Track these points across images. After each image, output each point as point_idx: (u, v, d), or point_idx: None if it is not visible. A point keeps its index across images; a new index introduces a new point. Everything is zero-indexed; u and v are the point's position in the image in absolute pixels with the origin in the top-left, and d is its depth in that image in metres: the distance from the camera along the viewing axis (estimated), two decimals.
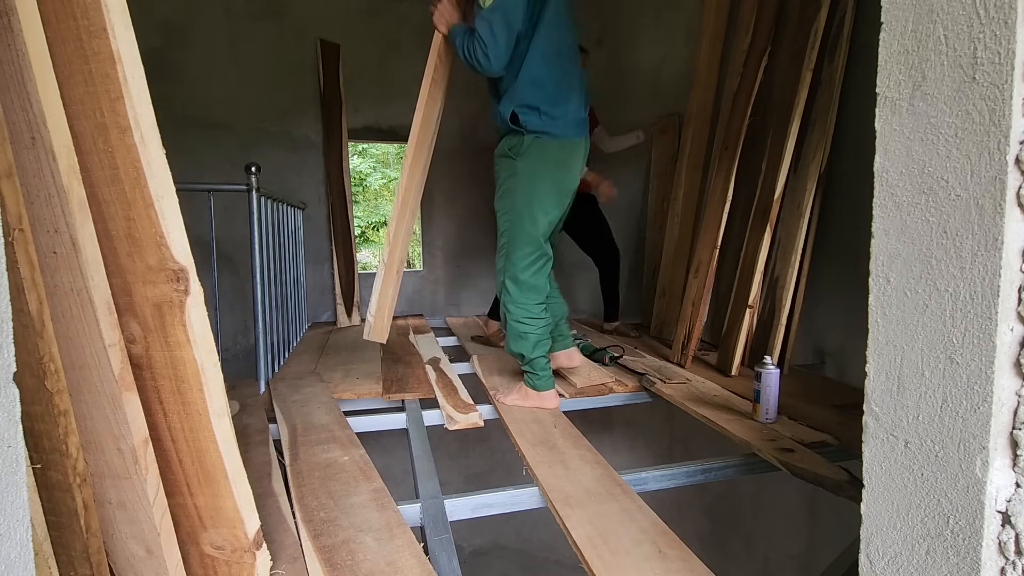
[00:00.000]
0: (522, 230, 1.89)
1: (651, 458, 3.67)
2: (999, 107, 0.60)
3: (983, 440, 0.62)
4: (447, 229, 3.90)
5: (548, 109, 1.82)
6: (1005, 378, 0.62)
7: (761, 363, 1.80)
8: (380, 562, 1.12)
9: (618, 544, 1.20)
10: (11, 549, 0.62)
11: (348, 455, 1.59)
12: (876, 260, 0.73)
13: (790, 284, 2.26)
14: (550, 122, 1.83)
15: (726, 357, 2.41)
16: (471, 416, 1.94)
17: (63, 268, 0.86)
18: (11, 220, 0.76)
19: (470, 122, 3.77)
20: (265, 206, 2.22)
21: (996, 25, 0.59)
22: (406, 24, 3.62)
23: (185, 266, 0.91)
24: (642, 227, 3.64)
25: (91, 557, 0.88)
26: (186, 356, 0.93)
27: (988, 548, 0.63)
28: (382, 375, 2.35)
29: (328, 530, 1.23)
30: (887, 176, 0.71)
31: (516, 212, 1.88)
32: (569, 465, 1.55)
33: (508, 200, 1.90)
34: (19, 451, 0.63)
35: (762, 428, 1.75)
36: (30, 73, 0.79)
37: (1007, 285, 0.61)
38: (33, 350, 0.80)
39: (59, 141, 0.82)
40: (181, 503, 1.00)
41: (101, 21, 0.82)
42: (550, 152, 1.85)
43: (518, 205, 1.87)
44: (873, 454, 0.74)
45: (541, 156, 1.84)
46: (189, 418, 0.96)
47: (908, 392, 0.70)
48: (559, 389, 2.19)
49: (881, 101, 0.71)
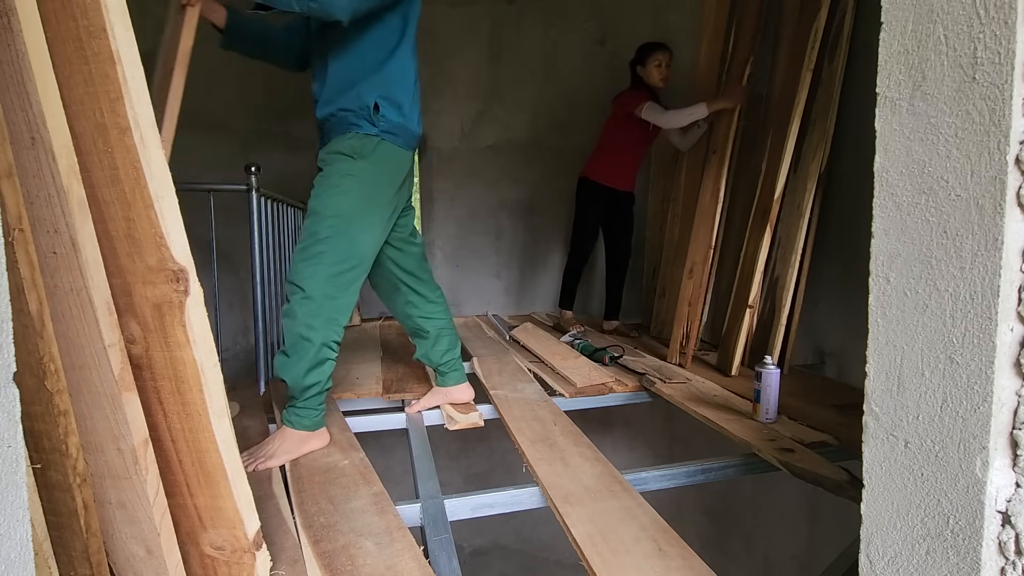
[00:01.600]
0: (347, 241, 1.61)
1: (651, 458, 3.67)
2: (999, 107, 0.60)
3: (983, 440, 0.62)
4: (447, 229, 3.90)
5: (407, 111, 1.67)
6: (1005, 378, 0.62)
7: (761, 363, 1.80)
8: (380, 566, 1.12)
9: (618, 542, 1.20)
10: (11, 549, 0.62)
11: (348, 459, 1.59)
12: (876, 260, 0.73)
13: (790, 284, 2.26)
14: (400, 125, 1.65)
15: (726, 357, 2.41)
16: (471, 416, 1.94)
17: (63, 268, 0.86)
18: (11, 220, 0.76)
19: (470, 122, 3.77)
20: (265, 206, 2.22)
21: (996, 25, 0.59)
22: None
23: (185, 266, 0.91)
24: (642, 227, 3.64)
25: (91, 557, 0.88)
26: (186, 356, 0.93)
27: (988, 548, 0.63)
28: (382, 375, 2.35)
29: (328, 535, 1.23)
30: (887, 176, 0.71)
31: (343, 218, 1.60)
32: (569, 463, 1.55)
33: (336, 202, 1.61)
34: (19, 451, 0.63)
35: (762, 428, 1.75)
36: (30, 73, 0.79)
37: (1007, 285, 0.61)
38: (33, 350, 0.80)
39: (59, 141, 0.82)
40: (181, 503, 1.00)
41: (101, 21, 0.82)
42: (396, 160, 1.68)
43: (348, 211, 1.61)
44: (873, 454, 0.74)
45: (387, 162, 1.65)
46: (189, 418, 0.96)
47: (908, 392, 0.70)
48: (560, 388, 2.20)
49: (881, 101, 0.71)
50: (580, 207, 3.18)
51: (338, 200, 1.61)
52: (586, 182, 3.13)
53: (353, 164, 1.62)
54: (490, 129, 3.84)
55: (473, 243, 3.92)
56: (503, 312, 3.95)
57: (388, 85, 1.63)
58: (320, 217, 1.61)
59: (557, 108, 3.82)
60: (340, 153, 1.62)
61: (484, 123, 3.83)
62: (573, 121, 3.78)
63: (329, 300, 1.61)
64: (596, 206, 3.13)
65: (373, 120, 1.61)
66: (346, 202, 1.61)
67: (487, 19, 3.73)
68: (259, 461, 1.56)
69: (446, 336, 1.98)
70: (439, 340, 1.96)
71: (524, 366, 2.49)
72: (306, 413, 1.63)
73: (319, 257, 1.60)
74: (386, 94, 1.62)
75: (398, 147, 1.67)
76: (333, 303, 1.62)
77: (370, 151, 1.62)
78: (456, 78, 3.74)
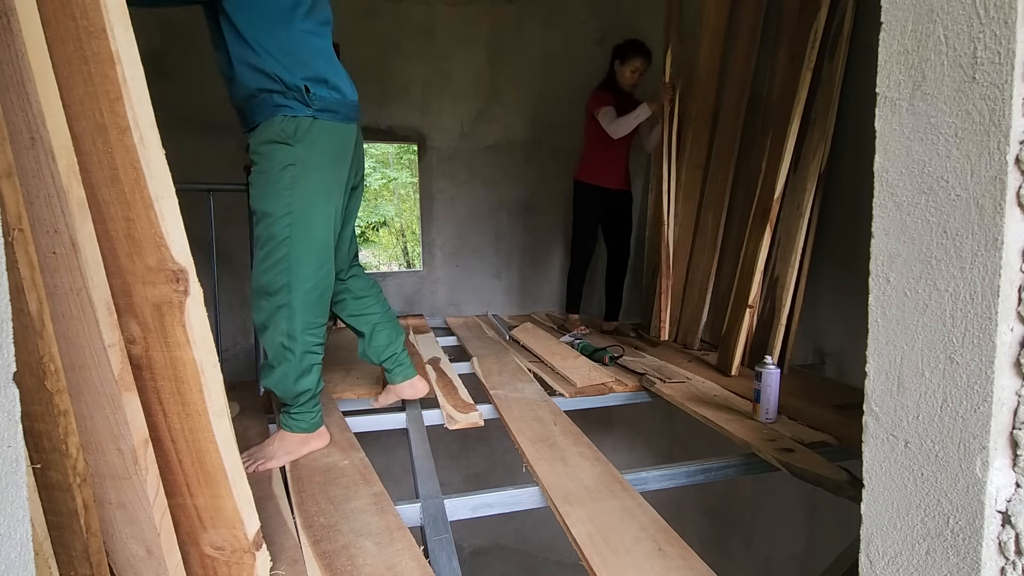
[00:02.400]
0: (309, 236, 1.51)
1: (651, 458, 3.67)
2: (999, 107, 0.60)
3: (983, 440, 0.62)
4: (447, 229, 3.90)
5: (336, 83, 1.54)
6: (1005, 378, 0.62)
7: (761, 363, 1.80)
8: (380, 566, 1.12)
9: (618, 542, 1.20)
10: (11, 549, 0.62)
11: (348, 459, 1.59)
12: (876, 260, 0.73)
13: (790, 284, 2.26)
14: (338, 100, 1.54)
15: (726, 357, 2.41)
16: (471, 416, 1.94)
17: (63, 268, 0.86)
18: (11, 220, 0.76)
19: (470, 122, 3.77)
20: None
21: (996, 25, 0.59)
22: (406, 24, 3.62)
23: (185, 267, 0.91)
24: (642, 227, 3.64)
25: (91, 557, 0.88)
26: (186, 357, 0.93)
27: (988, 548, 0.63)
28: (382, 375, 2.35)
29: (328, 535, 1.23)
30: (887, 176, 0.71)
31: (299, 214, 1.50)
32: (569, 462, 1.55)
33: (285, 199, 1.49)
34: (19, 451, 0.63)
35: (762, 428, 1.75)
36: (30, 73, 0.79)
37: (1007, 285, 0.61)
38: (33, 350, 0.80)
39: (59, 141, 0.82)
40: (181, 503, 1.00)
41: (100, 22, 0.82)
42: (337, 137, 1.55)
43: (301, 205, 1.50)
44: (873, 454, 0.74)
45: (328, 142, 1.53)
46: (189, 418, 0.96)
47: (908, 392, 0.70)
48: (560, 388, 2.20)
49: (881, 101, 0.71)
50: (577, 210, 3.23)
51: (286, 196, 1.49)
52: (579, 184, 3.19)
53: (290, 152, 1.48)
54: (490, 129, 3.84)
55: (473, 243, 3.92)
56: (503, 312, 3.95)
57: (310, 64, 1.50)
58: (273, 219, 1.50)
59: (557, 108, 3.82)
60: (273, 142, 1.49)
61: (484, 123, 3.83)
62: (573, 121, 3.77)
63: (305, 304, 1.54)
64: (592, 207, 3.17)
65: (306, 100, 1.48)
66: (296, 196, 1.49)
67: (487, 19, 3.72)
68: (259, 463, 1.55)
69: (383, 331, 1.85)
70: (374, 336, 1.84)
71: (524, 366, 2.49)
72: (302, 417, 1.60)
73: (285, 261, 1.51)
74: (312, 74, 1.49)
75: (337, 123, 1.54)
76: (310, 306, 1.55)
77: (304, 133, 1.49)
78: (456, 78, 3.74)
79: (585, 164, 3.17)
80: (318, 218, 1.53)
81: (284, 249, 1.51)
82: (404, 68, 3.61)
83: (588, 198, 3.15)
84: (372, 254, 9.31)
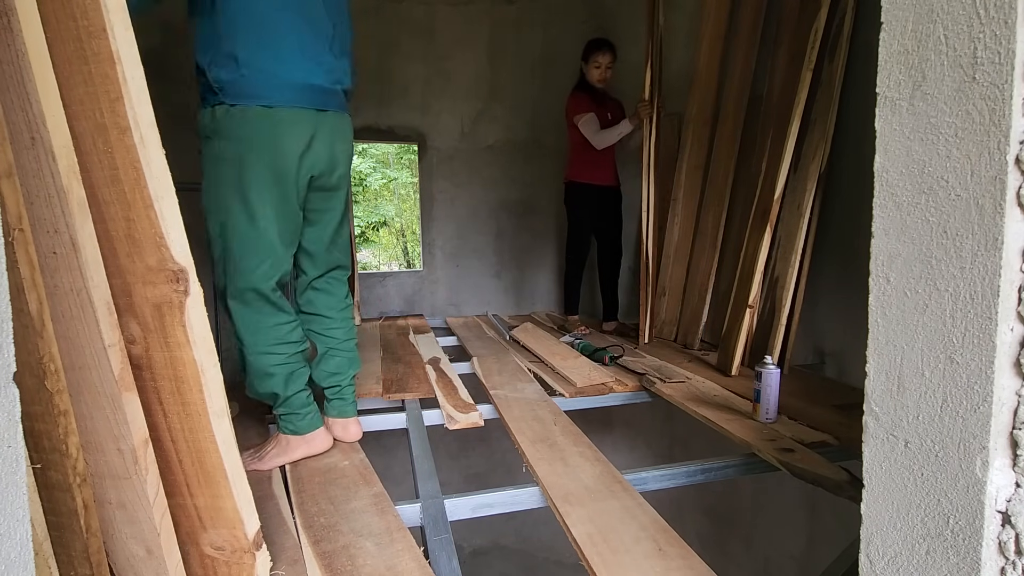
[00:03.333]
0: (239, 234, 1.40)
1: (651, 458, 3.67)
2: (999, 107, 0.60)
3: (983, 440, 0.62)
4: (447, 229, 3.90)
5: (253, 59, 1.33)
6: (1005, 378, 0.62)
7: (762, 363, 1.80)
8: (380, 567, 1.12)
9: (618, 542, 1.20)
10: (11, 549, 0.62)
11: (348, 460, 1.59)
12: (876, 260, 0.73)
13: (790, 284, 2.26)
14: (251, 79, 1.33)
15: (726, 357, 2.41)
16: (471, 416, 1.94)
17: (63, 268, 0.86)
18: (11, 220, 0.76)
19: (470, 122, 3.77)
20: None
21: (996, 25, 0.59)
22: (406, 24, 3.62)
23: (185, 267, 0.91)
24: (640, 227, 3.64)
25: (91, 557, 0.88)
26: (186, 356, 0.93)
27: (988, 548, 0.63)
28: (382, 375, 2.35)
29: (328, 536, 1.23)
30: (887, 176, 0.71)
31: (227, 211, 1.40)
32: (569, 462, 1.55)
33: (213, 195, 1.41)
34: (19, 451, 0.63)
35: (762, 428, 1.75)
36: (30, 73, 0.79)
37: (1007, 285, 0.61)
38: (33, 350, 0.80)
39: (59, 141, 0.82)
40: (181, 503, 1.00)
41: (101, 22, 0.82)
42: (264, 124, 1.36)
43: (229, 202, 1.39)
44: (873, 454, 0.74)
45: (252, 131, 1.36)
46: (189, 418, 0.96)
47: (908, 392, 0.70)
48: (560, 388, 2.20)
49: (881, 101, 0.71)
50: (570, 211, 3.25)
51: (213, 193, 1.40)
52: (572, 185, 3.21)
53: (211, 145, 1.38)
54: (490, 129, 3.84)
55: (473, 243, 3.92)
56: (503, 312, 3.95)
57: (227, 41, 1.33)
58: (210, 215, 1.42)
59: (557, 108, 3.81)
60: (201, 137, 1.41)
61: (484, 123, 3.83)
62: None
63: (244, 304, 1.44)
64: (586, 207, 3.18)
65: (213, 87, 1.35)
66: (226, 191, 1.39)
67: (487, 19, 3.73)
68: (252, 463, 1.54)
69: (334, 357, 1.68)
70: (325, 359, 1.68)
71: (524, 366, 2.49)
72: (288, 419, 1.55)
73: (221, 261, 1.44)
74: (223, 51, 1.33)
75: (262, 107, 1.35)
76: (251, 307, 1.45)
77: (219, 123, 1.36)
78: (456, 78, 3.74)
79: (574, 165, 3.19)
80: (247, 215, 1.40)
81: (218, 248, 1.44)
82: (404, 68, 3.61)
83: (582, 198, 3.17)
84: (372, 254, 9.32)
